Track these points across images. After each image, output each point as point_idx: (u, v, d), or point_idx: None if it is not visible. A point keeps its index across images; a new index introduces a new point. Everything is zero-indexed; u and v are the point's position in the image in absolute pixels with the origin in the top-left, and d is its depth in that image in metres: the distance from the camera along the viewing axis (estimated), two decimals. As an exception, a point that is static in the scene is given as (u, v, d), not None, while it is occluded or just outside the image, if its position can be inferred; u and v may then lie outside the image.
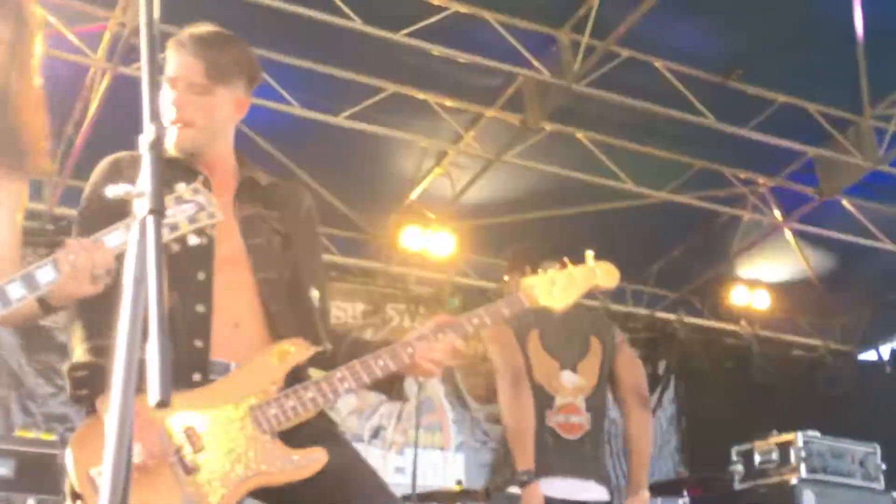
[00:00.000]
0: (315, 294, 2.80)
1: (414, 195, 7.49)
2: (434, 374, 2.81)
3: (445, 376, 8.04)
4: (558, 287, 2.92)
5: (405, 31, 5.76)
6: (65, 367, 2.50)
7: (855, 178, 7.13)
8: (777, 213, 7.71)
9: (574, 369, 4.21)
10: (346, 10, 5.58)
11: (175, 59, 2.70)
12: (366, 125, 6.48)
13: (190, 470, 2.51)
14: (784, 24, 5.99)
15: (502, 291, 3.53)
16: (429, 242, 7.68)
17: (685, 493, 6.33)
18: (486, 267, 8.20)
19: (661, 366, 8.70)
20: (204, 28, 2.75)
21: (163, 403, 1.36)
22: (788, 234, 8.04)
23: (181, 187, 2.41)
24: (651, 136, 6.94)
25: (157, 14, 1.59)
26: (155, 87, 1.53)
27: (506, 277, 4.23)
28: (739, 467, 6.73)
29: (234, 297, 2.64)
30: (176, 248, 2.59)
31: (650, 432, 4.38)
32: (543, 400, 4.06)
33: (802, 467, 6.40)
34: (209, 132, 2.72)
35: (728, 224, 7.99)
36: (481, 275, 8.22)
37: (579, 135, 6.93)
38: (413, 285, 8.22)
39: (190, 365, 2.51)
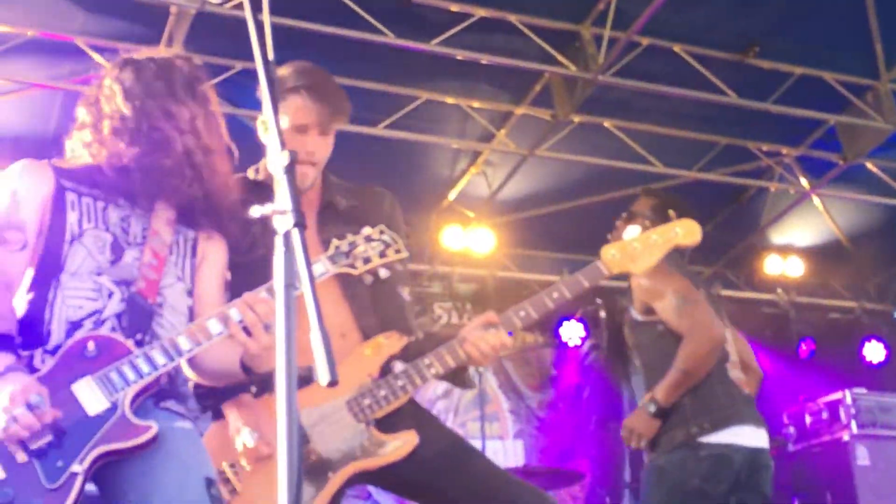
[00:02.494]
0: (406, 291, 3.03)
1: (452, 196, 7.71)
2: (488, 363, 2.95)
3: (497, 368, 8.22)
4: (639, 251, 2.94)
5: (435, 41, 5.99)
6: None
7: (877, 140, 7.24)
8: (804, 181, 7.83)
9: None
10: (379, 26, 5.82)
11: (301, 105, 2.86)
12: (403, 133, 6.71)
13: (297, 459, 2.77)
14: (794, -2, 6.15)
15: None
16: (469, 240, 7.84)
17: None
18: (525, 259, 8.40)
19: (704, 340, 8.81)
20: (314, 69, 2.93)
21: (333, 383, 1.60)
22: (816, 200, 8.18)
23: (367, 228, 2.64)
24: (676, 118, 7.11)
25: (271, 55, 1.84)
26: (277, 119, 1.79)
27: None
28: (792, 429, 6.88)
29: (333, 313, 2.83)
30: (370, 279, 2.84)
31: None
32: (723, 355, 3.88)
33: (853, 424, 6.54)
34: (321, 166, 2.97)
35: (756, 196, 8.13)
36: (522, 267, 8.41)
37: (607, 123, 7.11)
38: (457, 283, 8.40)
39: None
